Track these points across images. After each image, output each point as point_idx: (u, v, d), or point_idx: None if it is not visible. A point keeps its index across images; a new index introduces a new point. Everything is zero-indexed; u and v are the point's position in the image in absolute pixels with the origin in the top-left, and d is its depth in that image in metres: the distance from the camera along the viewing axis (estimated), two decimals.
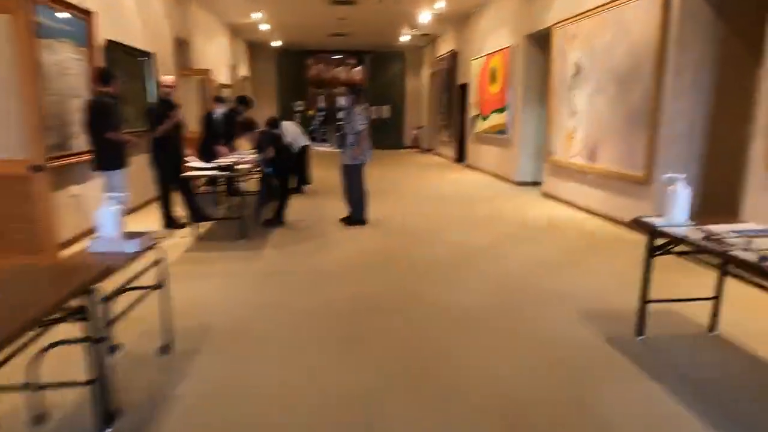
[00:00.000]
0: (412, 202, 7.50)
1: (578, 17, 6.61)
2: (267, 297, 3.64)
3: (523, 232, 5.63)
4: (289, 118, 17.45)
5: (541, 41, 8.47)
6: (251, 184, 6.78)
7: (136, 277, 2.61)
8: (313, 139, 21.82)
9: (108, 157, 4.57)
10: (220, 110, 6.88)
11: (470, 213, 6.69)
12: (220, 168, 5.14)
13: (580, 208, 6.79)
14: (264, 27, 13.13)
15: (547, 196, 7.80)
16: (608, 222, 6.06)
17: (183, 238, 5.29)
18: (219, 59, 12.07)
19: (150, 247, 2.57)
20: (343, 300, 3.57)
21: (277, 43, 16.23)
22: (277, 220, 5.85)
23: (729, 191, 5.30)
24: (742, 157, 5.23)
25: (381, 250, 4.90)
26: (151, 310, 2.85)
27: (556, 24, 7.26)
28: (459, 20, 12.44)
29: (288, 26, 13.44)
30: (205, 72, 9.63)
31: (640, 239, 5.38)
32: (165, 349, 2.78)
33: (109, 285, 2.22)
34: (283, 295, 3.69)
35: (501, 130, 9.68)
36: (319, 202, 7.41)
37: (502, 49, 9.53)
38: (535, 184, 8.99)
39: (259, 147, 5.65)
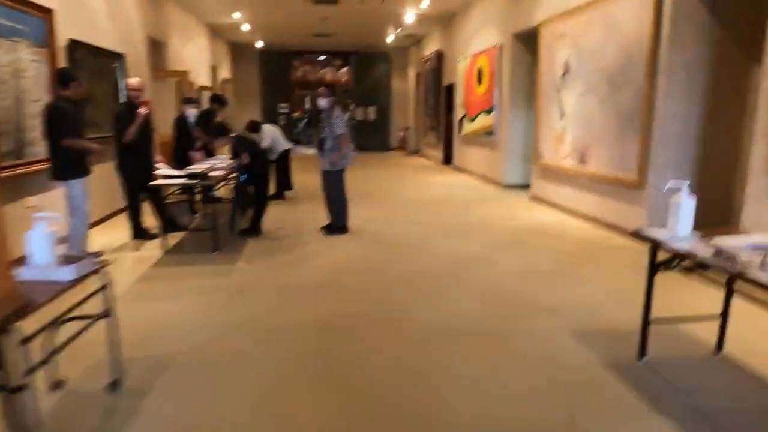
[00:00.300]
0: (397, 207, 7.22)
1: (567, 15, 6.38)
2: (235, 319, 3.33)
3: (513, 239, 5.37)
4: (273, 121, 17.17)
5: (528, 40, 8.24)
6: (229, 192, 6.45)
7: (80, 303, 2.30)
8: (298, 142, 21.56)
9: (66, 165, 4.23)
10: (192, 112, 6.53)
11: (457, 219, 6.43)
12: (190, 176, 4.81)
13: (570, 213, 6.56)
14: (245, 27, 12.80)
15: (537, 199, 7.57)
16: (600, 227, 5.83)
17: (151, 250, 4.96)
18: (198, 60, 11.71)
19: (92, 273, 2.25)
20: (318, 322, 3.28)
21: (259, 44, 15.89)
22: (254, 229, 5.54)
23: (725, 197, 5.10)
24: (739, 161, 5.02)
25: (362, 261, 4.61)
26: (102, 340, 2.53)
27: (543, 22, 7.03)
28: (445, 20, 12.20)
29: (270, 26, 13.11)
30: (182, 73, 9.28)
31: (633, 246, 5.21)
32: (114, 385, 2.46)
33: (46, 314, 1.91)
34: (253, 316, 3.38)
35: (488, 132, 9.45)
36: (300, 209, 7.10)
37: (488, 49, 9.30)
38: (524, 187, 8.76)
39: (233, 153, 5.33)
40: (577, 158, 6.28)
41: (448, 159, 12.70)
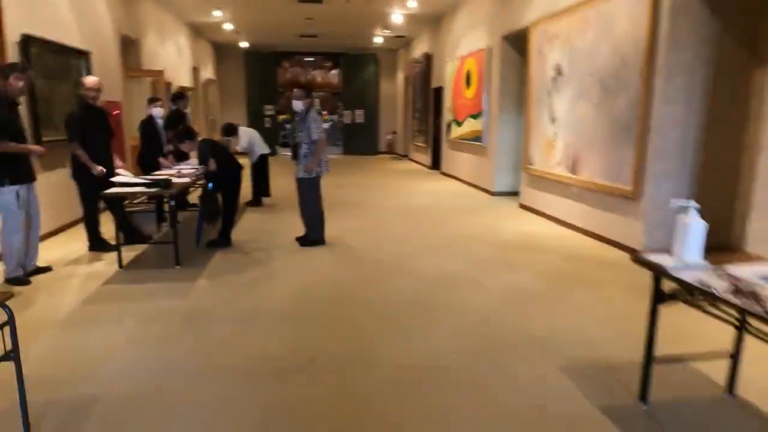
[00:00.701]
0: (380, 217, 6.84)
1: (558, 15, 6.06)
2: (181, 353, 2.92)
3: (500, 255, 5.01)
4: (258, 123, 16.75)
5: (518, 42, 7.92)
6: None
7: None
8: (285, 145, 21.14)
9: None
10: (158, 112, 6.09)
11: (442, 230, 6.06)
12: (148, 184, 4.40)
13: (561, 223, 6.22)
14: (228, 26, 12.40)
15: (526, 208, 7.23)
16: (594, 239, 5.49)
17: (107, 264, 4.54)
18: (178, 60, 11.28)
19: None
20: (274, 360, 2.86)
21: (244, 45, 15.48)
22: (222, 241, 5.13)
23: (727, 209, 4.77)
24: (742, 170, 4.71)
25: (334, 281, 4.22)
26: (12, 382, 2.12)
27: (534, 23, 6.70)
28: (433, 21, 11.87)
29: (254, 26, 12.71)
30: (157, 73, 8.85)
31: (629, 263, 4.84)
32: None
33: None
34: (203, 350, 2.97)
35: (477, 137, 9.11)
36: (276, 217, 6.69)
37: (476, 51, 8.97)
38: (514, 194, 8.42)
39: (200, 159, 4.93)
40: (569, 166, 5.95)
41: (436, 164, 12.36)
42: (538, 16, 6.61)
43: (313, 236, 5.21)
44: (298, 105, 4.96)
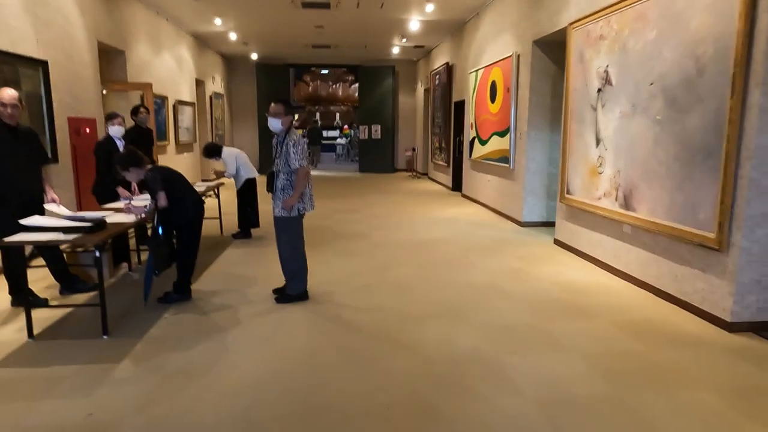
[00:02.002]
0: (385, 256, 5.70)
1: (605, 12, 4.88)
2: None
3: (533, 320, 3.81)
4: (270, 139, 15.86)
5: (552, 48, 6.76)
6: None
7: None
8: None
9: None
10: (117, 131, 5.09)
11: (460, 277, 4.89)
12: (67, 228, 3.34)
13: (609, 269, 4.98)
14: (233, 36, 11.55)
15: (562, 246, 5.99)
16: (655, 298, 4.25)
17: (16, 331, 3.50)
18: (177, 73, 10.43)
19: None
20: None
21: (254, 57, 14.66)
22: (178, 295, 4.07)
23: None
24: None
25: (308, 368, 3.07)
26: None
27: (573, 23, 5.53)
28: (454, 28, 10.79)
29: (260, 35, 11.84)
30: (144, 86, 7.96)
31: (713, 337, 3.36)
32: None
33: None
34: None
35: (503, 157, 7.92)
36: (262, 255, 5.61)
37: (502, 60, 7.83)
38: (546, 225, 7.19)
39: (150, 191, 3.89)
40: (620, 199, 4.73)
41: (457, 185, 11.19)
42: (579, 14, 5.44)
43: (293, 289, 4.10)
44: (275, 124, 3.89)
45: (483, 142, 8.89)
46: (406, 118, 16.24)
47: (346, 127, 26.50)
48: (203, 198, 4.39)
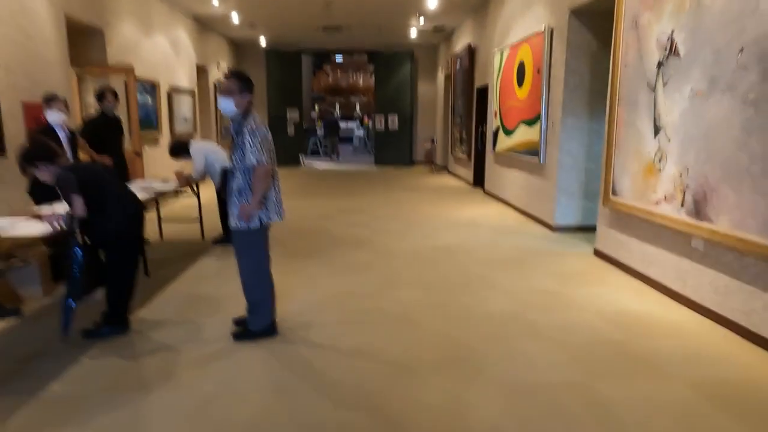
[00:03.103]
0: (386, 270, 4.70)
1: None
2: None
3: (578, 375, 2.77)
4: (281, 129, 14.94)
5: (594, 18, 5.63)
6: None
7: None
8: (314, 153, 19.29)
9: None
10: (58, 118, 4.18)
11: (476, 303, 3.86)
12: None
13: (672, 296, 3.88)
14: (235, 18, 10.63)
15: (606, 259, 4.90)
16: (742, 339, 3.15)
17: None
18: (173, 57, 9.56)
19: None
20: None
21: (263, 42, 13.73)
22: (108, 328, 3.15)
23: None
24: None
25: None
26: None
27: None
28: (477, 3, 9.64)
29: (266, 17, 10.88)
30: (125, 70, 7.08)
31: None
32: None
33: None
34: None
35: (532, 150, 6.82)
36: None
37: (532, 36, 6.70)
38: (583, 230, 6.09)
39: (63, 196, 2.97)
40: (688, 205, 3.62)
41: (478, 180, 10.09)
42: None
43: (255, 324, 3.13)
44: (226, 105, 2.91)
45: (508, 133, 7.78)
46: (426, 107, 15.12)
47: (366, 117, 25.47)
48: (143, 205, 3.44)
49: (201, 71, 11.56)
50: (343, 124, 24.02)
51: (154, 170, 8.09)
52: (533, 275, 4.52)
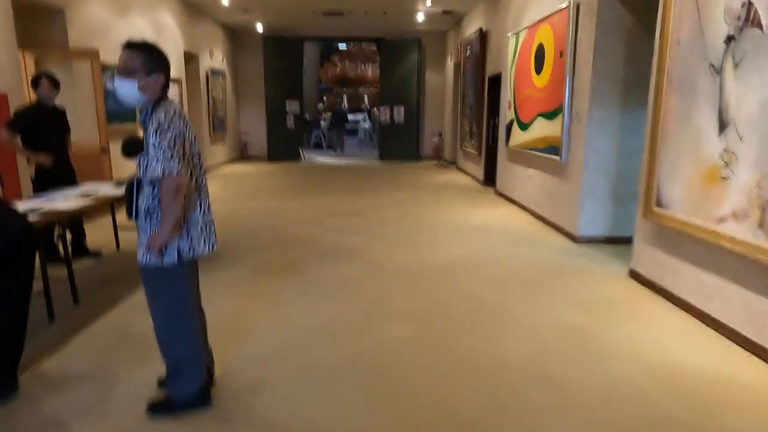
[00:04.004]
0: (378, 298, 3.83)
1: None
2: None
3: None
4: (280, 122, 14.02)
5: None
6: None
7: None
8: (318, 146, 18.39)
9: None
10: None
11: (488, 350, 2.97)
12: None
13: (744, 344, 2.97)
14: (225, 1, 9.76)
15: (645, 283, 3.98)
16: None
17: None
18: (156, 42, 8.70)
19: None
20: None
21: (260, 28, 12.85)
22: None
23: None
24: None
25: None
26: None
27: None
28: None
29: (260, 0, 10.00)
30: (89, 54, 6.25)
31: None
32: None
33: None
34: None
35: (551, 147, 5.89)
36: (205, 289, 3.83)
37: (554, 14, 5.75)
38: (612, 242, 5.17)
39: None
40: None
41: (489, 178, 9.17)
42: None
43: (177, 392, 2.27)
44: (126, 90, 2.05)
45: (524, 127, 6.85)
46: (434, 99, 14.16)
47: (374, 109, 24.56)
48: (31, 229, 2.58)
49: (190, 59, 10.73)
50: (350, 116, 23.14)
51: (131, 168, 7.29)
52: (555, 302, 3.63)
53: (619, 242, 5.15)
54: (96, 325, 3.23)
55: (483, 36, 9.27)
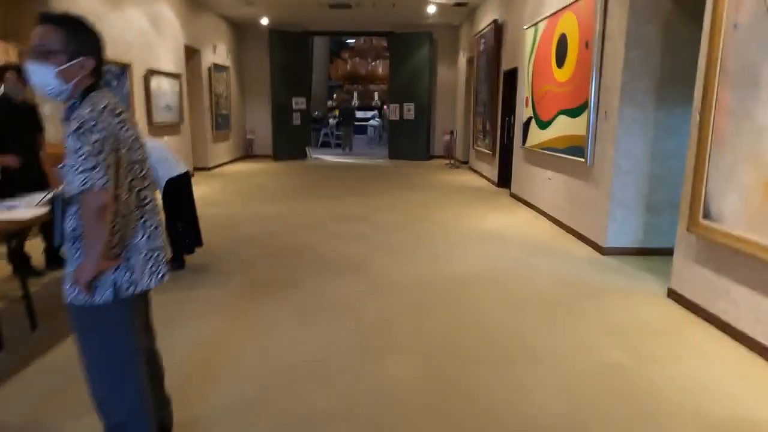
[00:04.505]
0: (378, 322, 3.34)
1: None
2: None
3: None
4: (286, 120, 13.54)
5: None
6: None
7: None
8: (326, 144, 17.89)
9: None
10: None
11: (505, 400, 2.47)
12: None
13: None
14: None
15: (688, 306, 3.45)
16: None
17: None
18: (151, 36, 8.30)
19: None
20: None
21: (264, 21, 12.40)
22: None
23: None
24: None
25: None
26: None
27: None
28: None
29: None
30: None
31: None
32: None
33: None
34: None
35: (575, 148, 5.36)
36: (180, 307, 3.35)
37: (579, 0, 5.21)
38: (643, 254, 4.64)
39: None
40: None
41: (504, 180, 8.63)
42: None
43: None
44: (41, 76, 1.57)
45: (543, 125, 6.31)
46: (445, 95, 13.61)
47: (385, 107, 24.05)
48: None
49: (192, 53, 10.30)
50: (361, 114, 22.67)
51: None
52: (586, 330, 3.11)
53: (651, 254, 4.62)
54: (45, 359, 2.77)
55: (498, 28, 8.72)
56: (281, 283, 3.98)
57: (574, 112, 5.38)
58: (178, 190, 4.14)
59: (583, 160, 5.13)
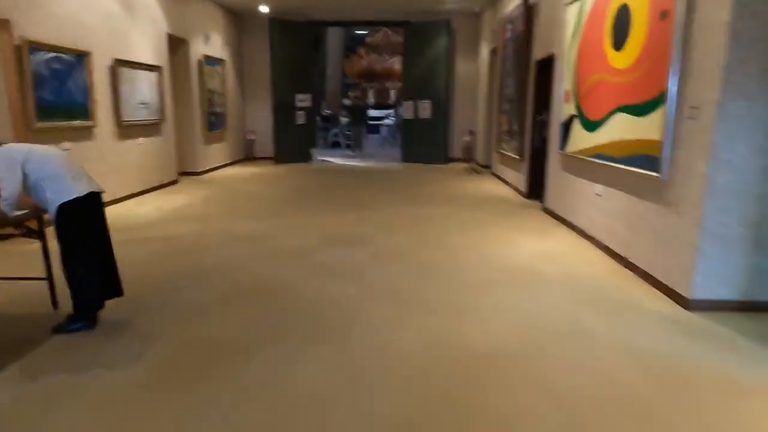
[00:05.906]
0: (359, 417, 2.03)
1: None
2: None
3: None
4: (289, 118, 12.26)
5: None
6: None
7: None
8: (336, 144, 16.55)
9: None
10: None
11: None
12: None
13: None
14: None
15: None
16: None
17: None
18: (121, 20, 7.10)
19: None
20: None
21: (264, 9, 11.16)
22: None
23: None
24: None
25: None
26: None
27: None
28: None
29: None
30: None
31: None
32: None
33: None
34: None
35: (641, 156, 3.96)
36: (72, 400, 2.10)
37: None
38: (747, 309, 3.24)
39: None
40: None
41: (534, 191, 7.24)
42: None
43: None
44: None
45: (592, 126, 4.92)
46: (465, 91, 12.20)
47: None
48: None
49: (178, 43, 9.11)
50: (375, 112, 21.41)
51: None
52: None
53: (764, 310, 3.22)
54: None
55: (529, 9, 7.32)
56: (221, 359, 2.70)
57: (639, 109, 3.99)
58: (79, 219, 2.87)
59: (654, 173, 3.73)
